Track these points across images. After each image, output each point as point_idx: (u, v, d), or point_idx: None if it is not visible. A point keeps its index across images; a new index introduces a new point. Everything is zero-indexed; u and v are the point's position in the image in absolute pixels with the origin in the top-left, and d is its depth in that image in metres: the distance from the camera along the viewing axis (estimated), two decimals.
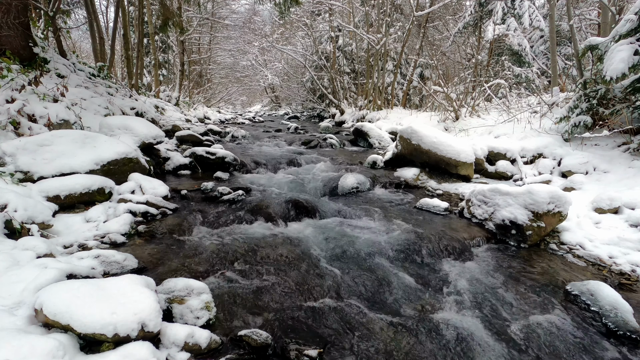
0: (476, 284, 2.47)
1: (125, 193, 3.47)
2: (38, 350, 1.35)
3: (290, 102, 26.54)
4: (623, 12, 8.82)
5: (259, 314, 2.03)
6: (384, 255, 2.79)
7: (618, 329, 2.02)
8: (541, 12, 12.23)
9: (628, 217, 3.30)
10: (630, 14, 4.31)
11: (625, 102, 4.62)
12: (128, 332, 1.50)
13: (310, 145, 7.76)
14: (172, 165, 5.02)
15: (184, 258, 2.59)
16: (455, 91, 9.59)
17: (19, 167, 3.23)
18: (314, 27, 17.52)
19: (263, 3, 10.39)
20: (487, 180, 5.13)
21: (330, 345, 1.82)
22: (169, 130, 7.35)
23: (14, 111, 3.83)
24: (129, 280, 1.77)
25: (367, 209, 3.76)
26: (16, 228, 2.45)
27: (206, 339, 1.69)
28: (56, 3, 6.68)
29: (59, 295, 1.55)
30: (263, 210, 3.48)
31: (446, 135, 5.30)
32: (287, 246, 2.83)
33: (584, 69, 5.87)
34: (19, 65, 4.81)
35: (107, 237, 2.74)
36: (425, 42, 14.79)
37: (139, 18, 11.13)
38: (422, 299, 2.31)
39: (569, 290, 2.36)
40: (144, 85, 11.84)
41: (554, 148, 5.10)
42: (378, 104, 13.34)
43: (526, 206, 3.12)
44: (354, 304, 2.19)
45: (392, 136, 8.15)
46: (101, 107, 5.66)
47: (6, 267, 1.99)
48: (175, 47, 17.61)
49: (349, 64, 17.87)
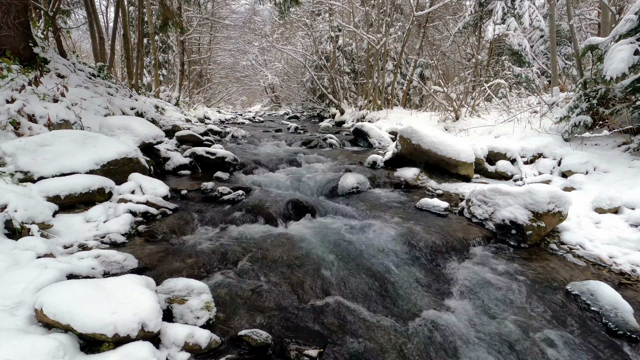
0: (476, 284, 2.47)
1: (125, 193, 3.47)
2: (38, 350, 1.35)
3: (290, 102, 26.55)
4: (623, 11, 8.83)
5: (259, 313, 2.03)
6: (383, 255, 2.79)
7: (618, 328, 2.02)
8: (541, 12, 12.23)
9: (628, 217, 3.29)
10: (630, 13, 4.31)
11: (625, 101, 4.62)
12: (128, 332, 1.50)
13: (310, 145, 7.76)
14: (172, 165, 5.02)
15: (184, 258, 2.59)
16: (455, 91, 9.58)
17: (19, 167, 3.23)
18: (314, 27, 17.52)
19: (263, 3, 10.40)
20: (487, 180, 5.13)
21: (330, 345, 1.82)
22: (169, 130, 7.35)
23: (14, 111, 3.83)
24: (129, 280, 1.77)
25: (367, 209, 3.76)
26: (16, 228, 2.45)
27: (206, 339, 1.69)
28: (56, 3, 6.68)
29: (59, 295, 1.55)
30: (263, 210, 3.48)
31: (446, 135, 5.30)
32: (287, 246, 2.83)
33: (584, 69, 5.87)
34: (19, 65, 4.81)
35: (107, 237, 2.74)
36: (425, 42, 14.79)
37: (139, 18, 11.14)
38: (422, 298, 2.31)
39: (569, 290, 2.37)
40: (144, 85, 11.84)
41: (554, 148, 5.10)
42: (378, 104, 13.34)
43: (526, 206, 3.12)
44: (354, 304, 2.20)
45: (392, 136, 8.14)
46: (101, 107, 5.66)
47: (6, 267, 1.99)
48: (175, 47, 17.60)
49: (349, 64, 17.86)
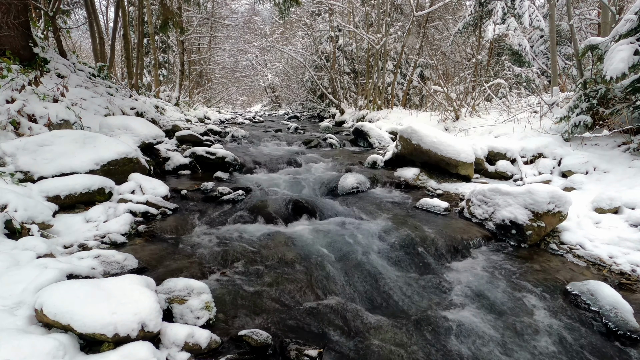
0: (476, 284, 2.47)
1: (125, 193, 3.47)
2: (38, 350, 1.35)
3: (290, 102, 26.53)
4: (623, 11, 8.83)
5: (259, 314, 2.03)
6: (383, 255, 2.79)
7: (618, 328, 2.02)
8: (541, 12, 12.23)
9: (628, 217, 3.29)
10: (630, 13, 4.31)
11: (625, 101, 4.62)
12: (128, 332, 1.50)
13: (310, 145, 7.75)
14: (172, 165, 5.02)
15: (184, 258, 2.59)
16: (455, 91, 9.58)
17: (19, 167, 3.23)
18: (314, 27, 17.51)
19: (263, 3, 10.41)
20: (487, 180, 5.13)
21: (330, 345, 1.82)
22: (169, 130, 7.34)
23: (14, 111, 3.83)
24: (129, 280, 1.77)
25: (367, 209, 3.76)
26: (16, 228, 2.45)
27: (206, 339, 1.69)
28: (56, 3, 6.68)
29: (59, 295, 1.55)
30: (263, 210, 3.48)
31: (446, 135, 5.29)
32: (287, 246, 2.83)
33: (584, 69, 5.87)
34: (19, 65, 4.80)
35: (107, 237, 2.74)
36: (425, 42, 14.79)
37: (139, 18, 11.13)
38: (422, 298, 2.31)
39: (569, 290, 2.36)
40: (144, 85, 11.84)
41: (554, 148, 5.09)
42: (378, 103, 13.34)
43: (526, 206, 3.12)
44: (354, 304, 2.20)
45: (392, 136, 8.14)
46: (101, 107, 5.66)
47: (6, 267, 1.99)
48: (175, 47, 17.59)
49: (349, 64, 17.86)
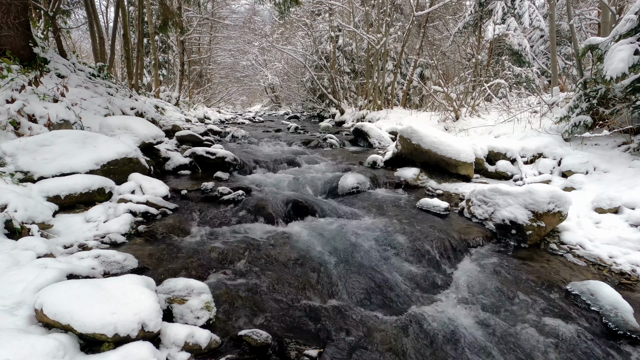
0: (476, 284, 2.47)
1: (125, 193, 3.47)
2: (38, 350, 1.35)
3: (290, 102, 26.55)
4: (623, 11, 8.83)
5: (259, 314, 2.03)
6: (383, 255, 2.79)
7: (618, 328, 2.02)
8: (541, 12, 12.22)
9: (628, 217, 3.29)
10: (630, 13, 4.31)
11: (625, 101, 4.62)
12: (128, 332, 1.50)
13: (310, 145, 7.75)
14: (172, 165, 5.02)
15: (184, 258, 2.59)
16: (455, 91, 9.58)
17: (19, 167, 3.23)
18: (314, 27, 17.51)
19: (263, 3, 10.39)
20: (487, 180, 5.13)
21: (330, 345, 1.82)
22: (169, 130, 7.34)
23: (14, 111, 3.83)
24: (129, 280, 1.77)
25: (367, 209, 3.76)
26: (16, 228, 2.45)
27: (206, 339, 1.69)
28: (56, 3, 6.68)
29: (59, 296, 1.55)
30: (263, 210, 3.48)
31: (446, 135, 5.29)
32: (287, 246, 2.83)
33: (584, 69, 5.86)
34: (19, 65, 4.80)
35: (107, 237, 2.74)
36: (425, 42, 14.78)
37: (139, 18, 11.13)
38: (422, 298, 2.31)
39: (569, 290, 2.36)
40: (144, 85, 11.84)
41: (554, 148, 5.10)
42: (378, 103, 13.34)
43: (526, 206, 3.12)
44: (354, 304, 2.20)
45: (392, 136, 8.14)
46: (101, 107, 5.66)
47: (6, 267, 1.99)
48: (175, 47, 17.60)
49: (349, 63, 17.86)
